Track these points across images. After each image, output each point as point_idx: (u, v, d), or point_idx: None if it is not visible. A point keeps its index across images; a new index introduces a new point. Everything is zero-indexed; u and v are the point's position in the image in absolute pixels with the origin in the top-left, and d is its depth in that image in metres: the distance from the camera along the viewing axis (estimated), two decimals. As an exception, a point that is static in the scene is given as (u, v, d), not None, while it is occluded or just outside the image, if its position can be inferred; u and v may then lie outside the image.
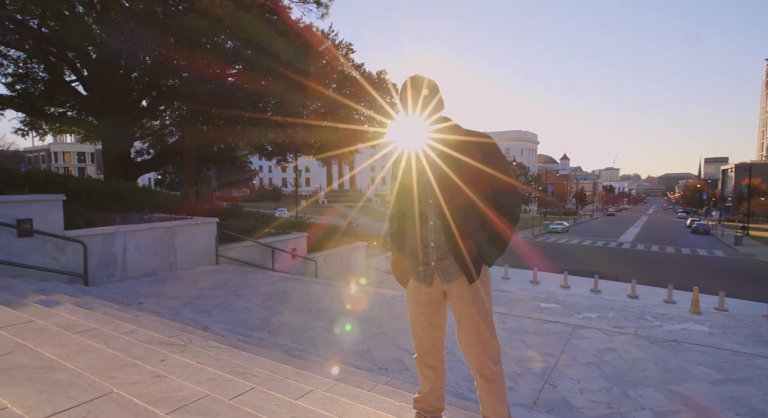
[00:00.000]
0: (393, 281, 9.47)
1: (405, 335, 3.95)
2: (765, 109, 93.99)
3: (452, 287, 1.69)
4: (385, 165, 12.99)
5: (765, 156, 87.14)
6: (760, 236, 38.64)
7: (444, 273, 1.69)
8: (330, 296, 5.41)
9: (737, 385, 2.96)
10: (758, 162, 79.82)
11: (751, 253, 28.61)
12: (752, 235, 38.19)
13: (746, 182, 57.75)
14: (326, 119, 18.58)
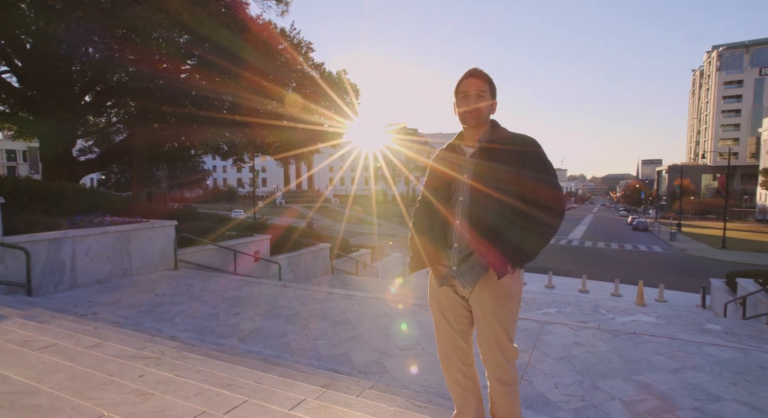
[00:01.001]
0: (361, 282, 9.48)
1: (380, 337, 3.95)
2: (692, 116, 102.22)
3: (473, 291, 1.69)
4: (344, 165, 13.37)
5: (693, 158, 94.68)
6: (691, 232, 41.98)
7: (464, 277, 1.67)
8: (300, 300, 5.30)
9: (692, 372, 3.20)
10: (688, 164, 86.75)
11: (684, 248, 31.03)
12: (684, 231, 41.43)
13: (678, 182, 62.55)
14: (286, 119, 18.24)
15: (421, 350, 3.66)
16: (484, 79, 1.69)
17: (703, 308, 11.87)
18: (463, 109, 1.69)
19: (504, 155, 1.65)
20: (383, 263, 13.85)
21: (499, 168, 1.62)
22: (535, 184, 1.60)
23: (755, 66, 79.19)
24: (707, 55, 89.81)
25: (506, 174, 1.61)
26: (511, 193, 1.60)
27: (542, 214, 1.59)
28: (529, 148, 1.64)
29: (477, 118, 1.68)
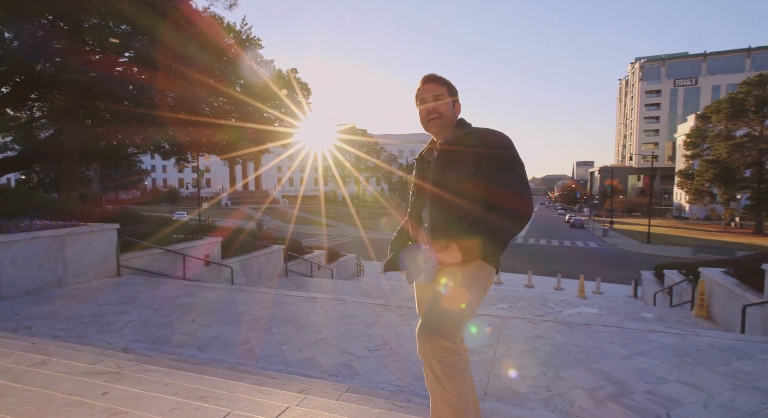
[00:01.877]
0: (318, 284, 9.31)
1: (347, 339, 3.91)
2: (619, 122, 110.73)
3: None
4: (293, 165, 13.14)
5: (621, 161, 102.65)
6: (620, 228, 45.46)
7: (427, 275, 1.71)
8: (259, 304, 5.12)
9: (641, 357, 3.46)
10: (616, 166, 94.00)
11: (616, 243, 33.55)
12: (616, 228, 44.81)
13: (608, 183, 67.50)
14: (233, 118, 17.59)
15: (390, 349, 3.66)
16: (439, 82, 1.71)
17: (635, 298, 12.91)
18: (422, 114, 1.72)
19: (460, 159, 1.62)
20: (338, 264, 13.73)
21: (454, 174, 1.61)
22: (492, 187, 1.56)
23: (671, 78, 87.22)
24: (631, 66, 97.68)
25: (462, 178, 1.59)
26: (468, 198, 1.58)
27: (498, 218, 1.54)
28: (489, 151, 1.59)
29: (439, 123, 1.70)
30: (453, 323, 1.50)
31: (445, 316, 1.51)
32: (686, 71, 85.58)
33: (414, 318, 4.55)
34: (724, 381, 3.03)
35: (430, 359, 1.47)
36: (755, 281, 6.31)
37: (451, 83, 1.75)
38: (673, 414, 2.58)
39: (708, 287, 7.53)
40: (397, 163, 59.17)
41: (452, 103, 1.73)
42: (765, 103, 39.93)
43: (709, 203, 47.35)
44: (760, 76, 41.23)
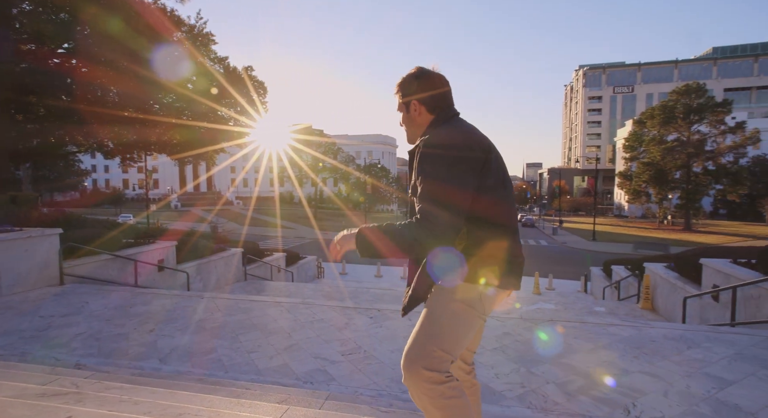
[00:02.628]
0: (281, 288, 9.05)
1: (319, 344, 3.82)
2: (565, 125, 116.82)
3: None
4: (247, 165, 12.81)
5: (567, 162, 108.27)
6: (568, 227, 47.87)
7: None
8: (222, 310, 4.90)
9: (604, 351, 3.63)
10: (563, 167, 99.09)
11: (564, 241, 35.29)
12: (565, 227, 47.14)
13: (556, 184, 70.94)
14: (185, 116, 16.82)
15: (364, 353, 3.61)
16: (396, 90, 1.60)
17: (585, 293, 13.64)
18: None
19: (412, 163, 1.52)
20: (298, 267, 13.46)
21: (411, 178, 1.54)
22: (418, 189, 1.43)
23: (610, 85, 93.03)
24: (575, 73, 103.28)
25: (413, 184, 1.50)
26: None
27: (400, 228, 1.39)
28: (420, 149, 1.44)
29: (407, 135, 1.64)
30: (433, 351, 1.40)
31: (421, 344, 1.44)
32: (624, 79, 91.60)
33: (385, 320, 4.53)
34: (679, 369, 3.24)
35: (415, 391, 1.40)
36: (694, 275, 6.83)
37: (405, 85, 1.57)
38: (638, 403, 2.72)
39: (652, 280, 8.08)
40: (355, 164, 59.01)
41: (407, 111, 1.59)
42: (691, 111, 43.56)
43: (645, 203, 50.96)
44: (686, 86, 44.94)
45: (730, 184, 42.61)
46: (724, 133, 43.43)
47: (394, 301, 8.48)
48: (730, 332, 4.20)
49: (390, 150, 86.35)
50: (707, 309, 6.10)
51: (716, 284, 5.79)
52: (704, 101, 43.38)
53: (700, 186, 44.02)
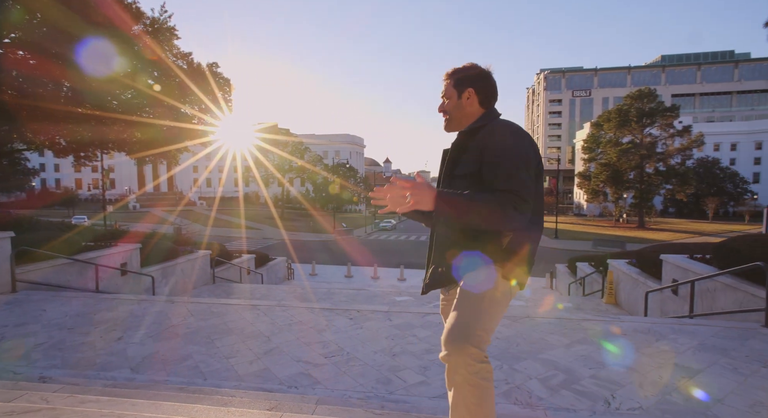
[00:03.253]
0: (250, 290, 8.79)
1: (300, 347, 3.74)
2: (528, 127, 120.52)
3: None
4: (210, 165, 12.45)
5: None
6: (531, 225, 49.35)
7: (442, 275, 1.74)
8: (195, 315, 4.72)
9: (580, 345, 3.76)
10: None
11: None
12: (527, 225, 48.55)
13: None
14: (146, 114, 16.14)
15: (347, 355, 3.57)
16: (447, 76, 1.65)
17: (551, 289, 14.10)
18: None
19: (466, 154, 1.60)
20: (267, 269, 13.17)
21: (458, 169, 1.60)
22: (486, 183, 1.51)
23: (569, 89, 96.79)
24: (537, 77, 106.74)
25: (463, 174, 1.58)
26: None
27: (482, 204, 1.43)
28: (488, 146, 1.52)
29: (446, 122, 1.68)
30: (476, 329, 1.46)
31: (466, 323, 1.48)
32: (582, 83, 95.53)
33: (365, 321, 4.50)
34: (651, 361, 3.40)
35: (457, 366, 1.44)
36: (654, 270, 7.20)
37: (462, 72, 1.63)
38: (617, 395, 2.83)
39: (615, 276, 8.45)
40: (323, 163, 58.41)
41: (458, 97, 1.63)
42: (644, 115, 46.01)
43: (603, 202, 53.40)
44: (639, 92, 47.46)
45: (679, 184, 45.31)
46: (673, 136, 46.17)
47: (367, 301, 8.45)
48: (692, 323, 4.45)
49: (358, 150, 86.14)
50: (667, 302, 6.44)
51: (675, 279, 6.12)
52: (655, 106, 45.92)
53: (652, 186, 46.56)
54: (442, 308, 1.91)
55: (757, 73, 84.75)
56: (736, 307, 4.85)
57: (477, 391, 1.42)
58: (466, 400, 1.43)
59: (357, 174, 69.03)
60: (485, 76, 1.63)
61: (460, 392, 1.44)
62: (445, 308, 1.88)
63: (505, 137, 1.49)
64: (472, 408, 1.43)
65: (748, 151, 68.12)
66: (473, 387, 1.42)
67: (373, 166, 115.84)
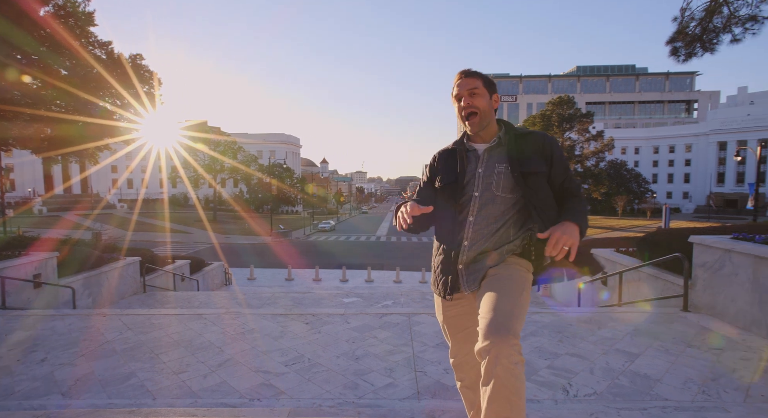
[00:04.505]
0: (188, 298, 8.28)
1: (258, 356, 3.55)
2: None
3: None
4: (132, 164, 11.68)
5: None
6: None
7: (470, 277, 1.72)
8: (134, 328, 4.30)
9: (534, 337, 3.95)
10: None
11: (464, 237, 37.85)
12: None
13: (454, 184, 75.60)
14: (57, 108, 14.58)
15: (308, 362, 3.45)
16: (475, 76, 1.68)
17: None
18: (459, 110, 1.70)
19: (531, 154, 1.70)
20: (203, 274, 12.40)
21: (523, 169, 1.67)
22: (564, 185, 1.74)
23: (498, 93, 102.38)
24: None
25: (534, 173, 1.67)
26: (544, 192, 1.69)
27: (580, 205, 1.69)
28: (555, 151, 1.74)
29: (477, 119, 1.68)
30: (520, 321, 1.51)
31: (510, 313, 1.49)
32: (509, 89, 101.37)
33: (322, 325, 4.38)
34: (597, 349, 3.66)
35: (500, 357, 1.40)
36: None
37: (488, 77, 1.72)
38: (573, 382, 3.00)
39: (550, 270, 9.03)
40: (257, 163, 56.33)
41: (489, 97, 1.71)
42: (564, 120, 49.97)
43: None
44: (560, 99, 51.46)
45: (594, 184, 49.77)
46: (589, 140, 50.62)
47: (315, 304, 8.27)
48: (624, 311, 4.87)
49: (294, 150, 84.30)
50: (598, 293, 7.00)
51: (605, 271, 6.67)
52: (573, 112, 50.05)
53: (572, 186, 50.60)
54: (446, 311, 1.85)
55: (653, 86, 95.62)
56: (658, 294, 5.39)
57: (518, 382, 1.41)
58: (508, 391, 1.39)
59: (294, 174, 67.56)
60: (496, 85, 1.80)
61: (502, 383, 1.39)
62: (452, 309, 1.82)
63: (560, 147, 1.76)
64: (514, 400, 1.40)
65: (648, 154, 76.55)
66: (515, 378, 1.40)
67: (310, 166, 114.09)
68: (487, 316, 1.48)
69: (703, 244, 4.61)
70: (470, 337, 1.75)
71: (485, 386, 1.45)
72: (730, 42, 9.70)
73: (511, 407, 1.41)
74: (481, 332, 1.47)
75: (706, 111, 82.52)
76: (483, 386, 1.46)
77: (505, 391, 1.39)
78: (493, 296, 1.52)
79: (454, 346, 1.84)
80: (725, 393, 2.85)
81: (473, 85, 1.66)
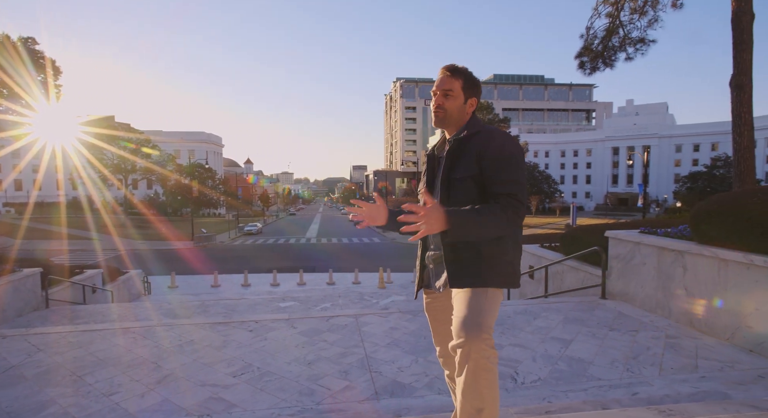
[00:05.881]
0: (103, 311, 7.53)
1: (201, 369, 3.32)
2: (386, 131, 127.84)
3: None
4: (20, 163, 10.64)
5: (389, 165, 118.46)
6: (394, 224, 52.43)
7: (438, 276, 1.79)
8: (45, 350, 3.78)
9: (477, 331, 4.14)
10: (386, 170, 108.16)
11: (394, 237, 38.51)
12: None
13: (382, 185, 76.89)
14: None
15: (258, 371, 3.29)
16: (455, 76, 1.66)
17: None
18: (431, 107, 1.70)
19: (467, 157, 1.63)
20: (118, 285, 11.23)
21: (459, 172, 1.63)
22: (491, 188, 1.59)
23: (422, 97, 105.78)
24: (394, 84, 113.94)
25: (465, 177, 1.62)
26: (471, 197, 1.61)
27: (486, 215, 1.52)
28: (491, 151, 1.60)
29: (440, 118, 1.69)
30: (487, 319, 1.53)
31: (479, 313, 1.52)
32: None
33: (267, 331, 4.20)
34: (535, 338, 3.93)
35: (471, 352, 1.45)
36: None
37: (471, 77, 1.68)
38: (519, 371, 3.20)
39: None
40: (175, 164, 52.34)
41: (464, 100, 1.68)
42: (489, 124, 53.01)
43: (453, 201, 59.67)
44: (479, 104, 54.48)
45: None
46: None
47: (250, 311, 7.92)
48: (552, 301, 5.29)
49: (215, 149, 79.83)
50: (525, 286, 7.53)
51: (531, 265, 7.19)
52: (492, 117, 53.21)
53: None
54: (427, 305, 1.90)
55: (559, 96, 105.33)
56: (579, 285, 5.94)
57: (489, 375, 1.47)
58: (479, 384, 1.46)
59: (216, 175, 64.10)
60: (481, 87, 1.75)
61: (473, 376, 1.46)
62: (431, 304, 1.87)
63: (503, 143, 1.60)
64: (484, 391, 1.47)
65: (556, 158, 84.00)
66: (486, 371, 1.46)
67: (233, 167, 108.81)
68: (459, 314, 1.56)
69: (617, 238, 5.16)
70: (449, 331, 1.80)
71: (458, 378, 1.53)
72: (625, 60, 11.01)
73: (482, 398, 1.49)
74: (454, 330, 1.54)
75: (602, 120, 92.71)
76: (457, 378, 1.54)
77: (476, 384, 1.47)
78: (463, 294, 1.59)
79: (435, 337, 1.91)
80: (645, 369, 3.22)
81: (449, 87, 1.66)
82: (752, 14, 7.49)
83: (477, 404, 1.49)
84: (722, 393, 2.51)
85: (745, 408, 2.03)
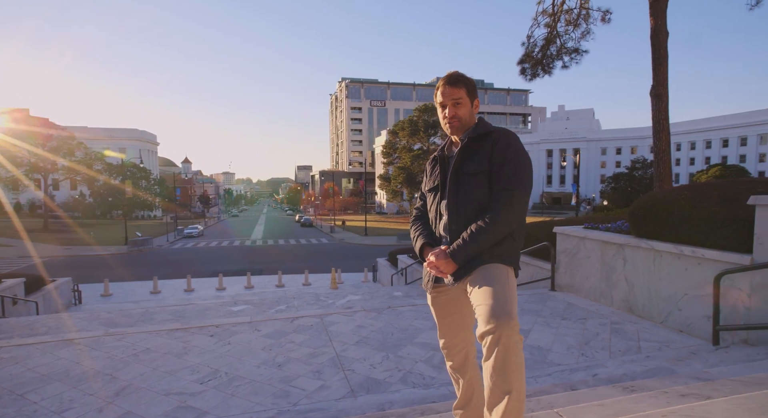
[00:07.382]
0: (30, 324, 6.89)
1: (163, 378, 3.14)
2: (332, 131, 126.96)
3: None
4: None
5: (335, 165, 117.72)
6: (350, 226, 52.22)
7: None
8: (-26, 369, 3.39)
9: (441, 325, 4.27)
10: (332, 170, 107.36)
11: (342, 238, 38.37)
12: (338, 225, 51.17)
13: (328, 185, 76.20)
14: None
15: (226, 375, 3.18)
16: (460, 85, 1.76)
17: (373, 282, 15.26)
18: (442, 118, 1.78)
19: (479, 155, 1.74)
20: (44, 294, 10.20)
21: (471, 169, 1.73)
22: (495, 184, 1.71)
23: (368, 98, 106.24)
24: (339, 84, 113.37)
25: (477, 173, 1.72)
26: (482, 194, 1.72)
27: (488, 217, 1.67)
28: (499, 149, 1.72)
29: (457, 126, 1.77)
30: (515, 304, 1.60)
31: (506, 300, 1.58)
32: (378, 94, 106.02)
33: (231, 335, 4.06)
34: (496, 328, 4.12)
35: (501, 337, 1.49)
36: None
37: (470, 81, 1.79)
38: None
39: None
40: (104, 163, 48.32)
41: (471, 104, 1.79)
42: (429, 126, 54.31)
43: (400, 201, 60.53)
44: (425, 106, 55.75)
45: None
46: (450, 146, 55.86)
47: (200, 316, 7.54)
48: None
49: (150, 147, 74.84)
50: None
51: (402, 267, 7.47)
52: (436, 118, 54.65)
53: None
54: (433, 299, 1.92)
55: (498, 100, 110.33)
56: (530, 278, 6.30)
57: (518, 359, 1.52)
58: (508, 368, 1.50)
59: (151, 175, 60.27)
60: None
61: (503, 360, 1.50)
62: (437, 298, 1.89)
63: (513, 143, 1.73)
64: (513, 375, 1.51)
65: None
66: (515, 356, 1.51)
67: (170, 166, 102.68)
68: (486, 303, 1.60)
69: (564, 233, 5.54)
70: (455, 322, 1.87)
71: (487, 361, 1.57)
72: (562, 67, 11.81)
73: (510, 381, 1.54)
74: (483, 318, 1.58)
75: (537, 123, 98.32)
76: (485, 362, 1.58)
77: (505, 367, 1.53)
78: (486, 286, 1.65)
79: (441, 329, 1.95)
80: (597, 353, 3.50)
81: (457, 96, 1.76)
82: (666, 32, 8.33)
83: (505, 388, 1.54)
84: (668, 369, 2.81)
85: (692, 380, 2.29)
